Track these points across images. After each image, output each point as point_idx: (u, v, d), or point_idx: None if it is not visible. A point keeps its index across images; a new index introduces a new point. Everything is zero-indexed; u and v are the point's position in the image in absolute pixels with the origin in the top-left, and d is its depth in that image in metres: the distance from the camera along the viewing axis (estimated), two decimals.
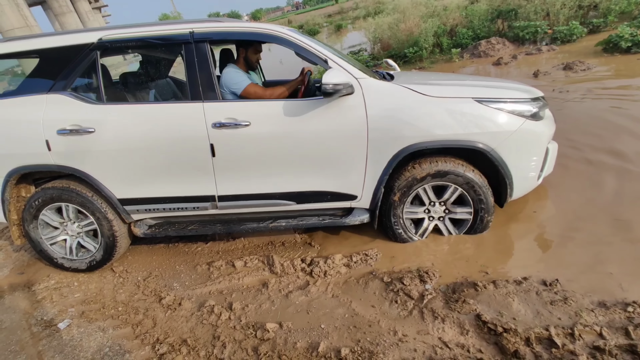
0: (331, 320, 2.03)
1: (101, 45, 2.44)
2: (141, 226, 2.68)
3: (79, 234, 2.73)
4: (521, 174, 2.32)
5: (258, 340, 1.99)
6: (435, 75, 3.18)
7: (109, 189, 2.53)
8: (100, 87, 2.46)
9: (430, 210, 2.49)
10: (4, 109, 2.51)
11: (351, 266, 2.44)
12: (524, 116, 2.24)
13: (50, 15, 33.48)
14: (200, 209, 2.57)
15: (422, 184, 2.35)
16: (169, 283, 2.60)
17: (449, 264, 2.30)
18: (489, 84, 2.53)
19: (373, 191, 2.40)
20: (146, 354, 2.01)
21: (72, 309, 2.41)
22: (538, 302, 1.88)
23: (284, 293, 2.31)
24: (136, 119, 2.42)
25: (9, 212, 2.66)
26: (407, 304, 2.04)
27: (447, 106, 2.21)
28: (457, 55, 8.03)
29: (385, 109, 2.24)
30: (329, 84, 2.12)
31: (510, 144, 2.22)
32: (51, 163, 2.49)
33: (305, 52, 2.37)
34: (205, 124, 2.34)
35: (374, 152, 2.30)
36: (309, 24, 26.89)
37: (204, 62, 2.38)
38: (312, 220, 2.52)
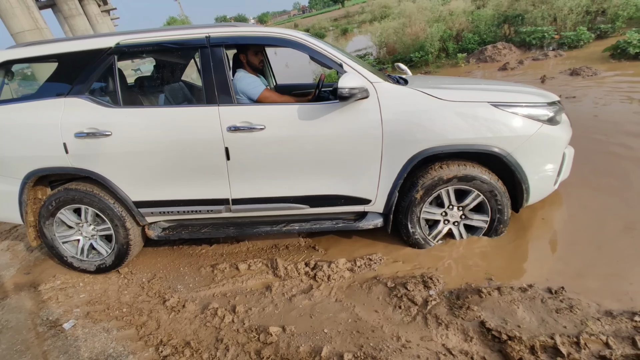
0: (334, 325, 2.03)
1: (118, 49, 2.47)
2: (155, 229, 2.70)
3: (92, 236, 2.76)
4: (538, 179, 2.30)
5: (261, 343, 1.99)
6: (448, 80, 3.18)
7: (125, 192, 2.55)
8: (117, 91, 2.49)
9: (447, 213, 2.47)
10: (22, 112, 2.56)
11: (355, 270, 2.43)
12: (540, 120, 2.22)
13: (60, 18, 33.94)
14: (214, 212, 2.57)
15: (447, 185, 2.33)
16: (173, 285, 2.61)
17: (453, 269, 2.29)
18: (504, 88, 2.50)
19: (387, 195, 2.39)
20: (150, 355, 2.02)
21: (77, 310, 2.43)
22: (543, 309, 1.87)
23: (287, 297, 2.31)
24: (152, 122, 2.45)
25: (26, 213, 2.69)
26: (410, 309, 2.03)
27: (463, 110, 2.19)
28: (463, 60, 8.03)
29: (400, 113, 2.24)
30: (345, 87, 2.12)
31: (526, 149, 2.20)
32: (68, 165, 2.51)
33: (320, 57, 2.36)
34: (220, 127, 2.35)
35: (388, 156, 2.29)
36: (315, 27, 27.04)
37: (220, 66, 2.40)
38: (325, 224, 2.51)
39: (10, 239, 3.64)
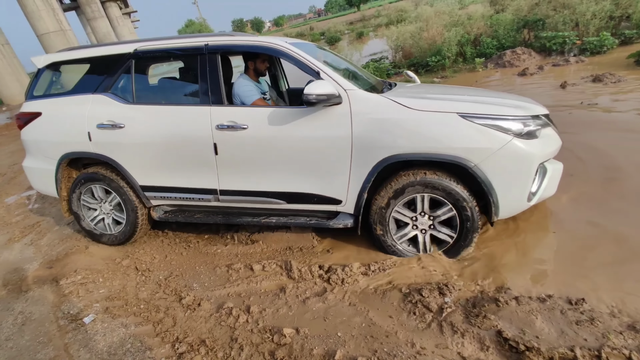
0: (348, 329, 2.03)
1: (136, 54, 2.89)
2: (158, 211, 3.07)
3: (109, 213, 3.21)
4: (506, 193, 2.25)
5: (275, 344, 2.00)
6: (441, 89, 3.23)
7: (133, 176, 2.94)
8: (132, 90, 2.90)
9: (417, 219, 2.48)
10: (60, 105, 3.09)
11: (369, 275, 2.43)
12: (510, 134, 2.18)
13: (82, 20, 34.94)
14: (205, 200, 2.85)
15: (413, 192, 2.37)
16: (189, 283, 2.66)
17: (469, 277, 2.27)
18: (483, 100, 2.49)
19: (357, 196, 2.48)
20: (166, 352, 2.06)
21: (97, 305, 2.49)
22: (563, 321, 1.83)
23: (301, 299, 2.32)
24: (155, 118, 2.80)
25: (61, 189, 3.21)
26: (425, 316, 2.01)
27: (430, 120, 2.25)
28: (480, 64, 7.94)
29: (370, 120, 2.34)
30: (312, 94, 2.26)
31: (494, 162, 2.18)
32: (91, 151, 2.98)
33: (300, 65, 2.53)
34: (210, 125, 2.62)
35: (357, 160, 2.40)
36: (331, 31, 27.13)
37: (214, 70, 2.68)
38: (300, 220, 2.67)
39: (34, 234, 3.76)
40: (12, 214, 4.49)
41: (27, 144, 3.29)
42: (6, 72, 17.96)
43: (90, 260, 3.02)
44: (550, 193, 2.47)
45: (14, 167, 6.67)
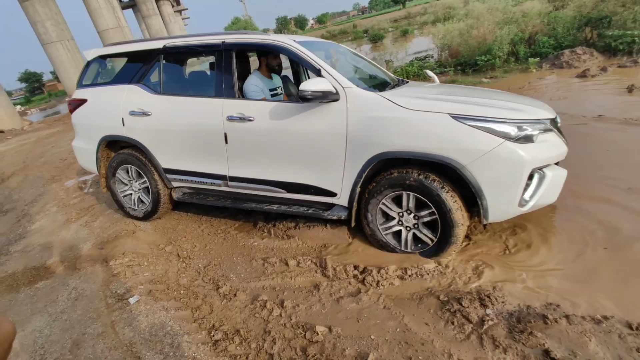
0: (382, 332, 1.98)
1: (164, 50, 3.22)
2: (178, 192, 3.39)
3: (138, 190, 3.60)
4: (496, 197, 2.21)
5: (307, 341, 2.01)
6: (451, 89, 3.21)
7: (157, 159, 3.28)
8: (160, 81, 3.25)
9: (403, 215, 2.54)
10: (101, 93, 3.54)
11: (405, 279, 2.36)
12: (503, 137, 2.14)
13: (138, 17, 37.11)
14: (216, 185, 3.10)
15: (396, 190, 2.45)
16: (226, 273, 2.73)
17: (515, 290, 2.13)
18: (482, 102, 2.46)
19: (350, 190, 2.58)
20: (203, 337, 2.13)
21: (141, 287, 2.63)
22: (621, 346, 1.67)
23: (334, 297, 2.31)
24: (177, 108, 3.10)
25: (100, 167, 3.66)
26: (464, 326, 1.92)
27: (422, 119, 2.28)
28: (534, 65, 7.45)
29: (364, 117, 2.42)
30: (307, 90, 2.38)
31: (482, 164, 2.16)
32: (124, 135, 3.37)
33: (303, 62, 2.68)
34: (222, 116, 2.86)
35: (351, 155, 2.50)
36: (374, 28, 26.74)
37: (229, 66, 2.91)
38: (298, 209, 2.82)
39: (88, 216, 4.05)
40: (71, 197, 4.86)
41: (76, 126, 3.78)
42: (70, 66, 19.46)
43: (137, 245, 3.20)
44: (550, 201, 2.37)
45: (73, 154, 7.23)
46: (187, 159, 3.14)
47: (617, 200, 2.76)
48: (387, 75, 3.46)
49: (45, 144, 9.39)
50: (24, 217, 4.47)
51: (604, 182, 3.04)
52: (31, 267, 3.21)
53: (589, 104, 5.00)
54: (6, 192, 5.78)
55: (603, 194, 2.88)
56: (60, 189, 5.33)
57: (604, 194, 2.89)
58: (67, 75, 19.95)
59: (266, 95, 3.07)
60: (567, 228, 2.60)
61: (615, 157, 3.41)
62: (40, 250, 3.49)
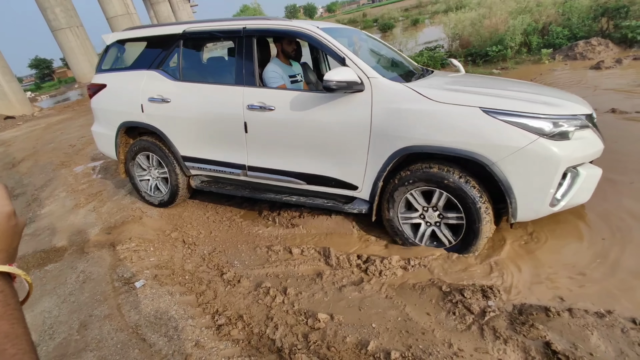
0: (383, 321, 2.00)
1: (184, 35, 3.14)
2: (196, 180, 3.36)
3: (156, 177, 3.60)
4: (526, 196, 2.12)
5: (309, 328, 2.03)
6: (481, 80, 3.06)
7: (176, 147, 3.24)
8: (179, 67, 3.18)
9: (428, 210, 2.47)
10: (121, 78, 3.49)
11: (408, 269, 2.37)
12: (537, 133, 2.04)
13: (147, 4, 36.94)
14: (235, 174, 3.05)
15: (418, 184, 2.38)
16: (230, 260, 2.76)
17: (518, 282, 2.13)
18: (515, 95, 2.33)
19: (372, 184, 2.51)
20: (206, 322, 2.17)
21: (147, 271, 2.67)
22: (623, 340, 1.66)
23: (337, 286, 2.32)
24: (197, 95, 3.03)
25: (119, 153, 3.64)
26: (465, 317, 1.92)
27: (451, 112, 2.18)
28: (547, 56, 7.28)
29: (390, 109, 2.33)
30: (332, 80, 2.29)
31: (514, 161, 2.06)
32: (143, 121, 3.32)
33: (327, 49, 2.58)
34: (242, 105, 2.79)
35: (375, 147, 2.42)
36: (384, 17, 26.33)
37: (250, 52, 2.83)
38: (317, 201, 2.78)
39: (96, 202, 4.10)
40: (79, 182, 4.93)
41: (95, 111, 3.73)
42: (79, 52, 19.55)
43: (143, 230, 3.24)
44: (582, 200, 2.28)
45: (82, 140, 7.30)
46: (206, 147, 3.10)
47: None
48: (412, 64, 3.30)
49: (54, 130, 9.49)
50: (34, 201, 4.56)
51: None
52: (41, 250, 3.27)
53: (602, 97, 4.89)
54: (17, 177, 5.87)
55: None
56: (69, 174, 5.40)
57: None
58: (76, 62, 20.05)
59: (286, 82, 2.98)
60: (568, 220, 2.57)
61: (624, 149, 3.34)
62: (49, 234, 3.56)
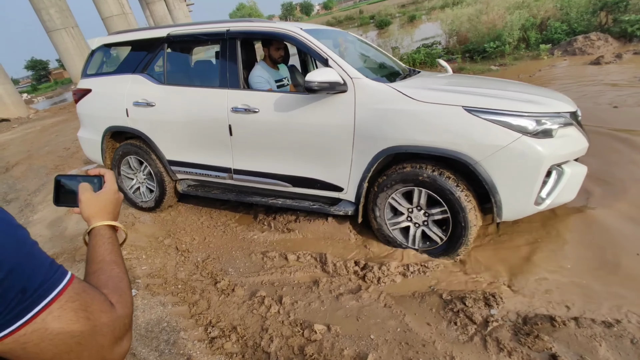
0: (382, 332, 1.93)
1: (168, 39, 3.13)
2: (182, 184, 3.34)
3: (143, 182, 3.57)
4: (511, 195, 2.10)
5: (305, 339, 1.96)
6: (466, 80, 3.09)
7: (162, 151, 3.21)
8: (164, 71, 3.15)
9: (413, 211, 2.45)
10: (106, 83, 3.45)
11: (407, 276, 2.29)
12: (520, 131, 2.02)
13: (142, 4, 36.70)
14: (220, 177, 3.03)
15: (404, 185, 2.37)
16: (224, 267, 2.68)
17: (521, 290, 2.05)
18: (498, 94, 2.33)
19: (357, 185, 2.49)
20: (199, 334, 2.09)
21: (139, 281, 2.59)
22: (633, 352, 1.59)
23: (334, 294, 2.25)
24: (181, 98, 3.02)
25: (105, 158, 3.62)
26: (467, 327, 1.85)
27: (433, 112, 2.17)
28: (546, 51, 7.20)
29: (373, 110, 2.32)
30: (314, 81, 2.26)
31: (497, 160, 2.04)
32: (128, 126, 3.30)
33: (309, 51, 2.57)
34: (226, 107, 2.76)
35: (359, 148, 2.40)
36: (381, 14, 26.19)
37: (234, 55, 2.80)
38: (304, 204, 2.75)
39: None
40: None
41: (81, 116, 3.71)
42: (75, 53, 19.37)
43: (135, 237, 3.16)
44: (568, 199, 2.25)
45: (76, 143, 7.20)
46: (191, 150, 3.08)
47: None
48: (398, 65, 3.32)
49: (50, 133, 9.39)
50: (26, 206, 4.47)
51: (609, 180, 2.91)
52: None
53: (602, 93, 4.81)
54: (10, 181, 5.78)
55: None
56: None
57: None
58: (72, 64, 19.87)
59: (272, 87, 2.96)
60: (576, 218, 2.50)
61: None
62: (41, 241, 3.48)
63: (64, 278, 0.56)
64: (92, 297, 0.58)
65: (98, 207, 0.79)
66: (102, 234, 0.75)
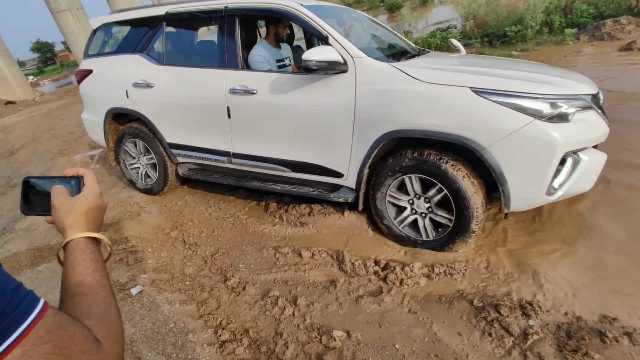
0: (407, 341, 1.76)
1: (167, 17, 3.00)
2: (183, 168, 3.25)
3: (145, 165, 3.49)
4: (520, 184, 1.95)
5: (323, 346, 1.80)
6: (477, 60, 2.85)
7: (162, 133, 3.11)
8: (163, 51, 3.04)
9: (414, 202, 2.33)
10: (107, 63, 3.36)
11: (432, 278, 2.12)
12: (533, 115, 1.85)
13: None
14: (220, 161, 2.94)
15: (408, 173, 2.23)
16: (234, 263, 2.53)
17: (563, 297, 1.86)
18: (509, 74, 2.14)
19: (357, 172, 2.37)
20: (208, 337, 1.95)
21: (144, 276, 2.45)
22: None
23: (353, 296, 2.08)
24: (179, 79, 2.90)
25: (108, 140, 3.53)
26: (504, 340, 1.68)
27: (438, 93, 2.01)
28: (571, 36, 6.82)
29: (374, 90, 2.17)
30: (312, 60, 2.12)
31: (506, 145, 1.89)
32: (128, 107, 3.20)
33: (309, 28, 2.41)
34: (224, 88, 2.64)
35: (359, 132, 2.27)
36: None
37: (232, 34, 2.67)
38: (303, 190, 2.65)
39: None
40: None
41: (83, 98, 3.64)
42: (80, 36, 19.07)
43: (141, 228, 3.01)
44: (584, 189, 2.09)
45: (81, 127, 7.05)
46: (191, 133, 2.99)
47: None
48: (407, 44, 3.11)
49: (55, 116, 9.25)
50: None
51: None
52: (34, 247, 3.07)
53: (632, 81, 4.51)
54: (14, 165, 5.67)
55: None
56: (68, 163, 5.18)
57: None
58: (77, 46, 19.60)
59: (272, 67, 2.83)
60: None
61: None
62: (44, 229, 3.35)
63: (32, 310, 0.43)
64: (70, 334, 0.46)
65: (76, 215, 0.66)
66: (81, 248, 0.63)
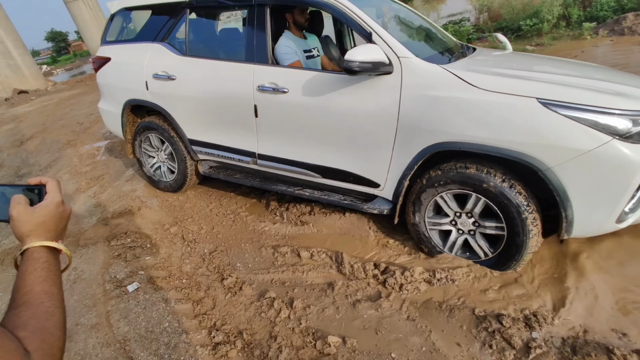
0: (404, 350, 1.71)
1: (191, 3, 2.80)
2: (204, 165, 3.09)
3: (164, 161, 3.36)
4: (587, 209, 1.73)
5: (317, 352, 1.76)
6: (537, 61, 2.59)
7: (182, 129, 2.97)
8: (186, 40, 2.84)
9: (461, 216, 2.09)
10: (126, 51, 3.17)
11: (433, 284, 2.05)
12: (610, 133, 1.61)
13: None
14: (244, 162, 2.78)
15: (481, 194, 1.94)
16: (232, 262, 2.50)
17: (568, 309, 1.78)
18: (582, 83, 1.86)
19: (396, 183, 2.17)
20: (202, 338, 1.92)
21: (142, 272, 2.43)
22: None
23: (350, 300, 2.03)
24: (203, 72, 2.72)
25: (126, 132, 3.40)
26: (505, 353, 1.61)
27: (498, 103, 1.77)
28: (589, 31, 6.57)
29: (422, 96, 1.95)
30: (355, 60, 1.91)
31: (576, 167, 1.66)
32: (148, 100, 3.04)
33: (351, 23, 2.18)
34: (252, 85, 2.46)
35: (402, 142, 2.07)
36: None
37: (262, 25, 2.46)
38: (333, 197, 2.48)
39: (97, 187, 3.89)
40: (83, 164, 4.73)
41: (100, 86, 3.49)
42: (92, 25, 19.19)
43: (141, 223, 3.00)
44: None
45: (90, 117, 7.09)
46: (214, 131, 2.83)
47: None
48: (450, 40, 2.79)
49: (66, 106, 9.33)
50: None
51: None
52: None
53: None
54: (24, 155, 5.73)
55: None
56: (75, 154, 5.20)
57: None
58: (90, 35, 19.73)
59: (300, 58, 2.61)
60: None
61: None
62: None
63: None
64: None
65: (34, 224, 0.67)
66: (35, 257, 0.63)
